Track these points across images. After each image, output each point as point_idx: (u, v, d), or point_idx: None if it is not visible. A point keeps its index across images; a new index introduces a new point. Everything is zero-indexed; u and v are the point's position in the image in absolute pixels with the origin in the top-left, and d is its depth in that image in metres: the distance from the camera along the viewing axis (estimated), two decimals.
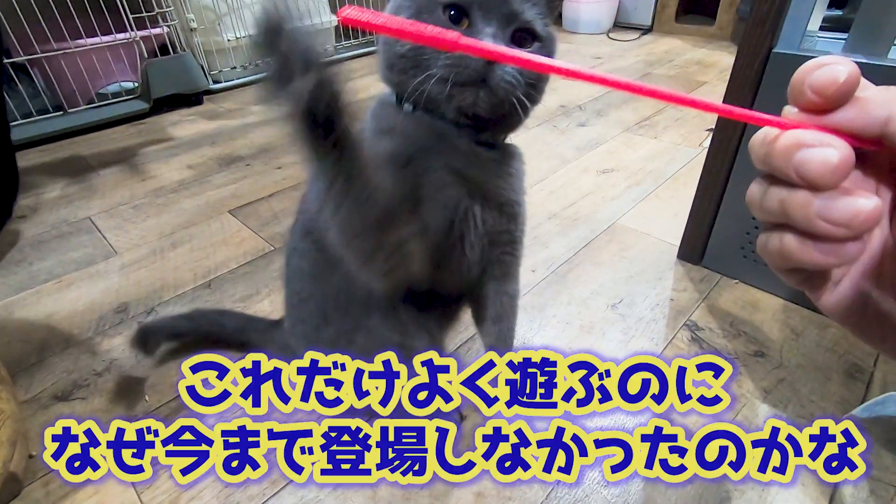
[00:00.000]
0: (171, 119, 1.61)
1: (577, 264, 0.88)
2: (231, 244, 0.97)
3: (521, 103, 0.40)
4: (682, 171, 1.16)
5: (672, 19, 2.35)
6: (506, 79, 0.38)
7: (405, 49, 0.40)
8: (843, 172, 0.18)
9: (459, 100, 0.40)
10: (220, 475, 0.35)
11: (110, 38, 1.49)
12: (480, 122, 0.42)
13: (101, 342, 0.76)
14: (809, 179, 0.19)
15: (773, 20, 0.65)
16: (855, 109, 0.19)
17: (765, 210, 0.21)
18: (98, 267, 0.92)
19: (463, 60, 0.37)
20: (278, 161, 1.30)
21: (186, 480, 0.35)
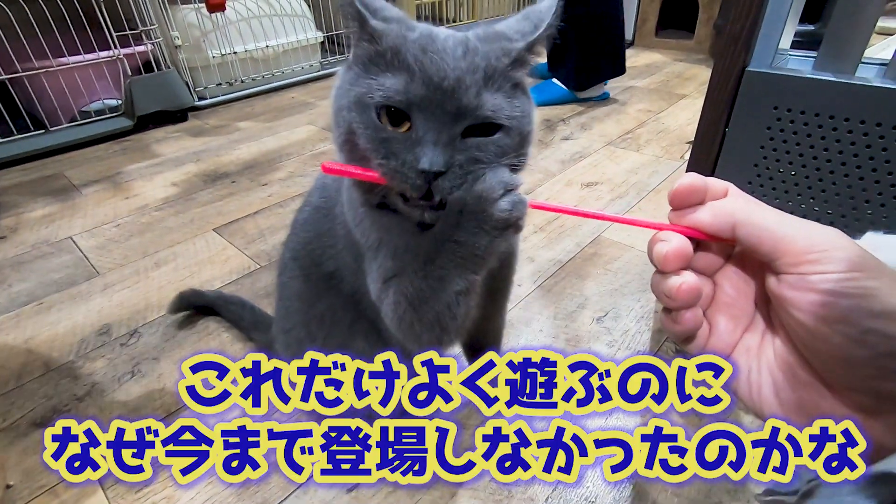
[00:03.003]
0: (156, 136, 1.60)
1: (563, 278, 0.89)
2: (216, 262, 0.96)
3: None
4: (665, 184, 1.18)
5: (652, 33, 2.40)
6: (454, 186, 0.33)
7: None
8: (674, 259, 0.27)
9: (418, 215, 0.36)
10: (220, 475, 0.35)
11: (93, 56, 1.48)
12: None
13: (83, 366, 0.74)
14: (654, 263, 0.28)
15: (745, 39, 0.67)
16: (709, 215, 0.26)
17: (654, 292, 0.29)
18: (80, 288, 0.91)
19: (404, 179, 0.32)
20: (264, 178, 1.29)
21: (186, 480, 0.35)
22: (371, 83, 0.33)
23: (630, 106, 1.69)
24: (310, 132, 1.58)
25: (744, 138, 0.72)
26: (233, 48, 1.82)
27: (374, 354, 0.50)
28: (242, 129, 1.62)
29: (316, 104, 1.83)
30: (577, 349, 0.74)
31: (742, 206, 0.26)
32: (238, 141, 1.53)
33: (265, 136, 1.56)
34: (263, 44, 1.89)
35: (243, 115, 1.76)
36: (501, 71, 0.34)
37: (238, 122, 1.68)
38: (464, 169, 0.33)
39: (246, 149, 1.48)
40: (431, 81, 0.32)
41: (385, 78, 0.33)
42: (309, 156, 1.41)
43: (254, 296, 0.87)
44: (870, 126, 0.61)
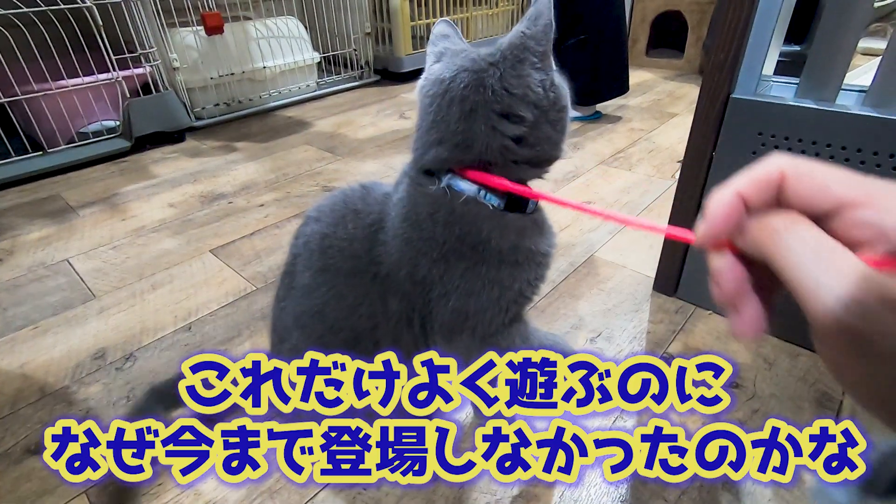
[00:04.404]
0: (153, 157, 1.61)
1: (557, 298, 0.90)
2: (212, 284, 0.97)
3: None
4: (657, 203, 1.20)
5: (643, 53, 2.45)
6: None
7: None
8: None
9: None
10: (220, 475, 0.35)
11: (92, 79, 1.50)
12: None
13: (78, 391, 0.74)
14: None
15: (729, 67, 0.70)
16: (742, 241, 0.21)
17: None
18: (76, 311, 0.91)
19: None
20: (260, 198, 1.30)
21: (186, 480, 0.35)
22: None
23: (622, 125, 1.72)
24: (307, 152, 1.60)
25: (730, 162, 0.74)
26: (230, 69, 1.85)
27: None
28: (240, 150, 1.64)
29: (313, 124, 1.85)
30: None
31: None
32: (235, 161, 1.55)
33: (262, 156, 1.58)
34: (261, 65, 1.92)
35: (240, 135, 1.78)
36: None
37: (235, 143, 1.70)
38: None
39: (243, 169, 1.49)
40: None
41: None
42: (306, 175, 1.43)
43: (250, 318, 0.87)
44: (850, 152, 0.63)
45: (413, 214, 0.45)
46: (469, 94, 0.40)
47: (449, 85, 0.41)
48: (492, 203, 0.43)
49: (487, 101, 0.40)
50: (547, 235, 0.48)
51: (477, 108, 0.40)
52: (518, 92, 0.40)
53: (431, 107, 0.42)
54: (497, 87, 0.40)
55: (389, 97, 2.14)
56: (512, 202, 0.44)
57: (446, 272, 0.44)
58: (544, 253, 0.47)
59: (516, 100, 0.40)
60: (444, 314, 0.45)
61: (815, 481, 0.55)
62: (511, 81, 0.40)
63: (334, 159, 1.53)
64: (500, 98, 0.40)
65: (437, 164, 0.43)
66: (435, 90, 0.42)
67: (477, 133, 0.41)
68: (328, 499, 0.58)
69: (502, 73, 0.40)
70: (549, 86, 0.41)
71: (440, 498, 0.58)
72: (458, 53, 0.43)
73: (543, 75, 0.40)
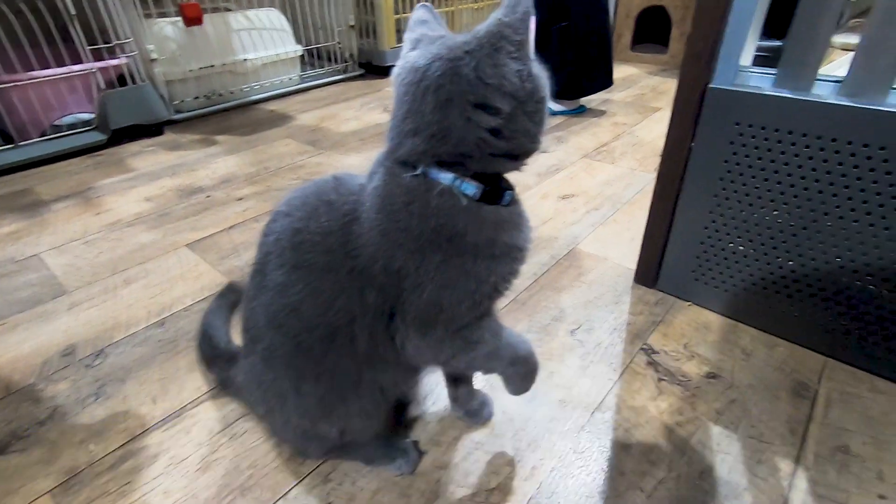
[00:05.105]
0: (131, 150, 1.58)
1: (538, 290, 0.89)
2: (188, 279, 0.95)
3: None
4: (639, 196, 1.20)
5: (628, 48, 2.45)
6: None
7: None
8: None
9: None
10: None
11: (65, 70, 1.46)
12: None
13: (45, 388, 0.72)
14: None
15: (707, 57, 0.69)
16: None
17: None
18: (45, 307, 0.88)
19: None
20: (240, 192, 1.28)
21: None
22: None
23: (606, 119, 1.72)
24: (288, 146, 1.57)
25: (709, 153, 0.74)
26: (210, 61, 1.81)
27: (378, 411, 0.53)
28: (220, 143, 1.61)
29: (295, 117, 1.83)
30: (551, 362, 0.74)
31: None
32: (215, 155, 1.52)
33: (243, 149, 1.55)
34: (242, 57, 1.89)
35: (221, 128, 1.74)
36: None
37: (215, 136, 1.67)
38: None
39: (223, 163, 1.46)
40: None
41: None
42: (287, 168, 1.40)
43: None
44: (826, 141, 0.63)
45: (388, 205, 0.44)
46: (444, 83, 0.39)
47: (424, 73, 0.40)
48: (467, 193, 0.42)
49: (462, 91, 0.39)
50: (523, 230, 0.47)
51: (452, 97, 0.39)
52: (494, 82, 0.38)
53: (406, 96, 0.41)
54: (472, 76, 0.38)
55: (374, 91, 2.12)
56: (487, 194, 0.43)
57: (422, 264, 0.43)
58: (520, 248, 0.46)
59: (492, 90, 0.39)
60: (419, 306, 0.44)
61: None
62: (487, 71, 0.38)
63: (316, 153, 1.51)
64: (475, 88, 0.38)
65: (412, 157, 0.42)
66: (410, 78, 0.41)
67: (452, 124, 0.40)
68: (301, 495, 0.57)
69: (478, 61, 0.38)
70: (527, 76, 0.40)
71: (415, 492, 0.57)
72: (435, 40, 0.42)
73: (520, 65, 0.39)
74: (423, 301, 0.44)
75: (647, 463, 0.60)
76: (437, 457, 0.61)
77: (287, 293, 0.47)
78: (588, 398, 0.68)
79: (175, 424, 0.66)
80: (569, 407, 0.67)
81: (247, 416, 0.67)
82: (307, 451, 0.60)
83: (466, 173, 0.42)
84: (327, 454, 0.60)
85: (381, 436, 0.58)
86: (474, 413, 0.65)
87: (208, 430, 0.65)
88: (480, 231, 0.43)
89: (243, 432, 0.65)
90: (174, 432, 0.65)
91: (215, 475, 0.60)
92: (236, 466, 0.61)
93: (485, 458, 0.61)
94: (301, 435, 0.55)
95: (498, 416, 0.66)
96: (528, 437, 0.63)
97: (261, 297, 0.49)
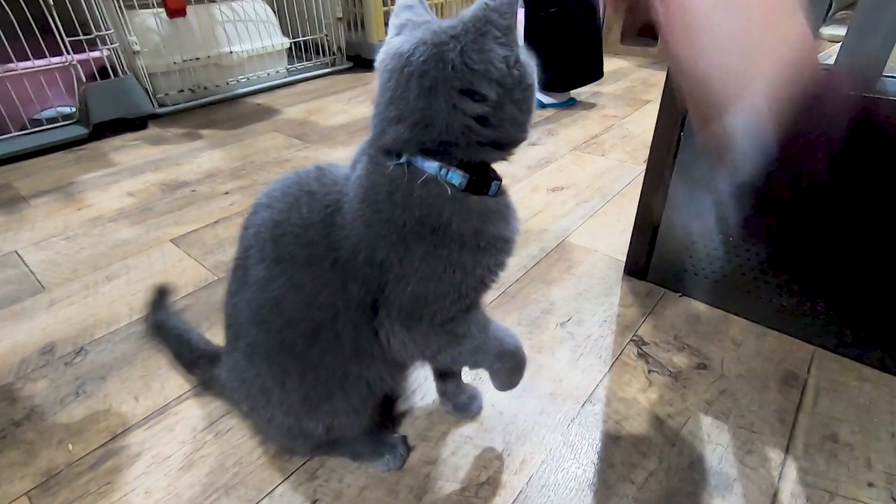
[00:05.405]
0: (114, 144, 1.54)
1: (528, 283, 0.89)
2: (171, 275, 0.93)
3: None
4: (629, 188, 1.20)
5: (618, 41, 2.45)
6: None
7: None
8: None
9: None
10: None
11: (44, 63, 1.42)
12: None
13: (23, 387, 0.70)
14: None
15: None
16: None
17: None
18: (23, 304, 0.86)
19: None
20: (225, 186, 1.26)
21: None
22: None
23: (596, 111, 1.72)
24: (275, 139, 1.55)
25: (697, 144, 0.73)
26: (195, 54, 1.78)
27: (365, 407, 0.52)
28: (205, 137, 1.58)
29: (283, 111, 1.80)
30: (542, 355, 0.73)
31: None
32: (200, 149, 1.49)
33: (228, 143, 1.53)
34: (227, 49, 1.86)
35: (206, 122, 1.71)
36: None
37: (200, 130, 1.64)
38: None
39: (208, 156, 1.44)
40: None
41: None
42: (273, 162, 1.38)
43: (210, 309, 0.84)
44: None
45: (371, 195, 0.42)
46: (428, 68, 0.37)
47: (408, 59, 0.38)
48: (453, 182, 0.41)
49: (447, 77, 0.37)
50: (510, 221, 0.46)
51: (437, 84, 0.38)
52: (480, 68, 0.37)
53: (390, 82, 0.40)
54: (458, 61, 0.37)
55: (362, 84, 2.10)
56: (474, 183, 0.42)
57: (406, 255, 0.42)
58: (507, 239, 0.45)
59: (478, 76, 0.37)
60: (403, 299, 0.43)
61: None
62: (472, 56, 0.37)
63: (304, 146, 1.49)
64: (460, 74, 0.37)
65: (396, 145, 0.41)
66: (393, 64, 0.39)
67: (437, 111, 0.38)
68: (287, 493, 0.56)
69: (463, 46, 0.37)
70: (514, 62, 0.38)
71: (404, 488, 0.56)
72: (420, 25, 0.40)
73: (507, 51, 0.38)
74: (408, 294, 0.43)
75: (638, 454, 0.59)
76: (426, 452, 0.60)
77: (268, 288, 0.45)
78: (578, 391, 0.68)
79: (158, 422, 0.65)
80: (559, 400, 0.67)
81: (231, 412, 0.65)
82: (293, 448, 0.59)
83: (452, 162, 0.41)
84: (314, 451, 0.59)
85: (369, 431, 0.57)
86: (463, 407, 0.64)
87: (192, 428, 0.64)
88: (466, 222, 0.42)
89: (228, 429, 0.63)
90: (157, 430, 0.63)
91: (199, 473, 0.58)
92: (221, 464, 0.59)
93: (474, 453, 0.60)
94: (286, 432, 0.54)
95: (487, 409, 0.65)
96: (518, 430, 0.63)
97: (243, 292, 0.48)
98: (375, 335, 0.46)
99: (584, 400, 0.67)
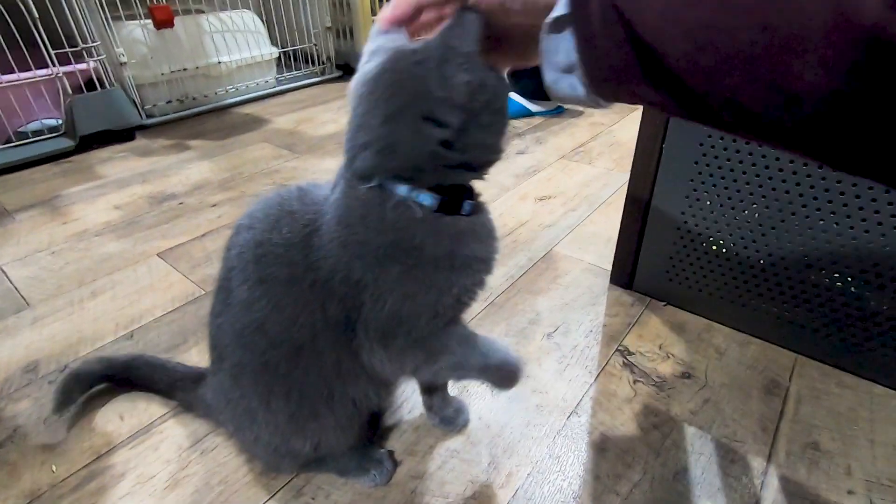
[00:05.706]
0: (101, 157, 1.54)
1: (515, 293, 0.89)
2: (158, 289, 0.92)
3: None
4: (615, 197, 1.21)
5: None
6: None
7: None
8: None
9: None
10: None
11: (29, 75, 1.42)
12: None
13: (6, 407, 0.69)
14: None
15: None
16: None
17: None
18: (6, 322, 0.85)
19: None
20: (213, 198, 1.26)
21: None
22: None
23: (583, 119, 1.73)
24: (264, 150, 1.55)
25: (679, 154, 0.74)
26: (183, 65, 1.77)
27: (352, 424, 0.53)
28: (193, 148, 1.58)
29: (272, 120, 1.80)
30: (528, 366, 0.74)
31: None
32: (188, 160, 1.49)
33: (217, 154, 1.52)
34: (216, 60, 1.86)
35: (195, 133, 1.71)
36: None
37: (189, 141, 1.64)
38: None
39: (196, 168, 1.43)
40: None
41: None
42: (262, 173, 1.38)
43: (197, 324, 0.83)
44: None
45: (346, 217, 0.43)
46: (391, 95, 0.38)
47: (374, 86, 0.39)
48: (424, 203, 0.41)
49: (409, 104, 0.37)
50: (487, 240, 0.46)
51: (399, 110, 0.38)
52: (441, 94, 0.37)
53: (358, 108, 0.40)
54: (420, 88, 0.37)
55: None
56: (446, 204, 0.42)
57: (381, 276, 0.42)
58: (483, 259, 0.45)
59: (439, 102, 0.37)
60: (380, 318, 0.43)
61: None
62: (434, 82, 0.37)
63: (292, 157, 1.49)
64: (422, 100, 0.37)
65: (366, 171, 0.41)
66: (360, 91, 0.40)
67: (401, 138, 0.38)
68: None
69: (425, 73, 0.37)
70: (477, 87, 0.37)
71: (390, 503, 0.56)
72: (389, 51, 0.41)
73: (470, 76, 0.37)
74: (384, 313, 0.43)
75: (623, 466, 0.60)
76: (413, 466, 0.60)
77: (252, 309, 0.45)
78: (564, 402, 0.68)
79: (142, 441, 0.64)
80: (545, 411, 0.67)
81: (217, 431, 0.65)
82: (280, 466, 0.59)
83: (424, 185, 0.41)
84: (300, 468, 0.59)
85: (355, 446, 0.57)
86: (450, 420, 0.64)
87: (177, 447, 0.63)
88: (438, 243, 0.42)
89: (213, 447, 0.63)
90: (142, 450, 0.63)
91: (185, 493, 0.58)
92: (206, 483, 0.59)
93: (461, 467, 0.60)
94: (273, 451, 0.54)
95: (474, 422, 0.66)
96: (505, 443, 0.63)
97: (226, 313, 0.48)
98: (354, 355, 0.46)
99: (570, 411, 0.67)
